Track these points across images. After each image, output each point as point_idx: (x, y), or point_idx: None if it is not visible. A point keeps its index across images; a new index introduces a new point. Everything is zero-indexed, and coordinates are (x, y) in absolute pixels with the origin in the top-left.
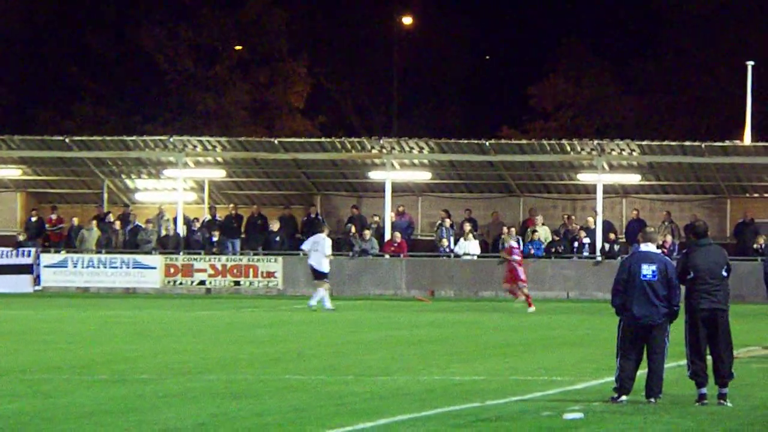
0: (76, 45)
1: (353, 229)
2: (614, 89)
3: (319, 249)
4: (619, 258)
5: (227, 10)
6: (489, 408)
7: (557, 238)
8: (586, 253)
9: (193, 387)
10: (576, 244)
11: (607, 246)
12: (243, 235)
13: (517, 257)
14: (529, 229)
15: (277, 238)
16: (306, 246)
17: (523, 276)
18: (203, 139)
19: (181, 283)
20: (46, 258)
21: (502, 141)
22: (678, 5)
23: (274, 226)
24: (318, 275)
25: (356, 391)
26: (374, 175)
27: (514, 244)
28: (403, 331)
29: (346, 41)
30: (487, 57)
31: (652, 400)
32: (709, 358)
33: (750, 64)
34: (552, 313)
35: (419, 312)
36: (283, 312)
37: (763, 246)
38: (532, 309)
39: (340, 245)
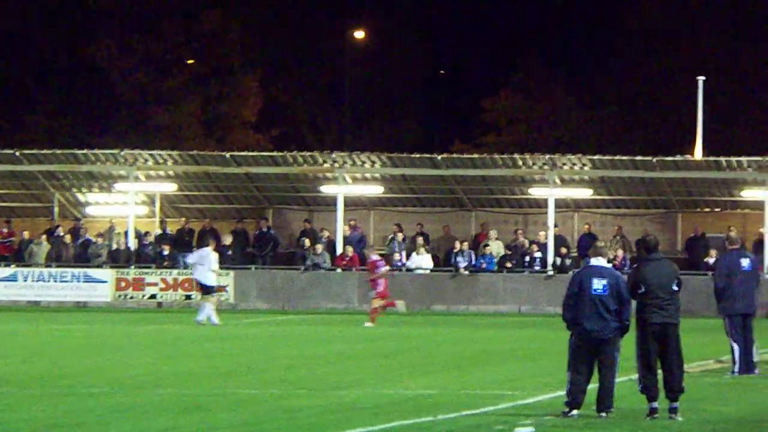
0: (29, 56)
1: (308, 243)
2: (567, 104)
3: (204, 263)
4: (571, 272)
5: (180, 24)
6: (441, 422)
7: (509, 253)
8: (538, 268)
9: (144, 401)
10: (528, 258)
11: (558, 260)
12: (195, 249)
13: (380, 271)
14: (482, 244)
15: (229, 252)
16: (191, 259)
17: (381, 289)
18: (155, 152)
19: (132, 297)
20: None
21: (454, 155)
22: (631, 20)
23: (226, 240)
24: (205, 289)
25: (308, 405)
26: (326, 189)
27: (375, 257)
28: (354, 345)
29: (299, 55)
30: (442, 72)
31: (603, 414)
32: (660, 372)
33: (701, 79)
34: (504, 327)
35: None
36: (235, 326)
37: (714, 260)
38: (371, 324)
39: (294, 259)
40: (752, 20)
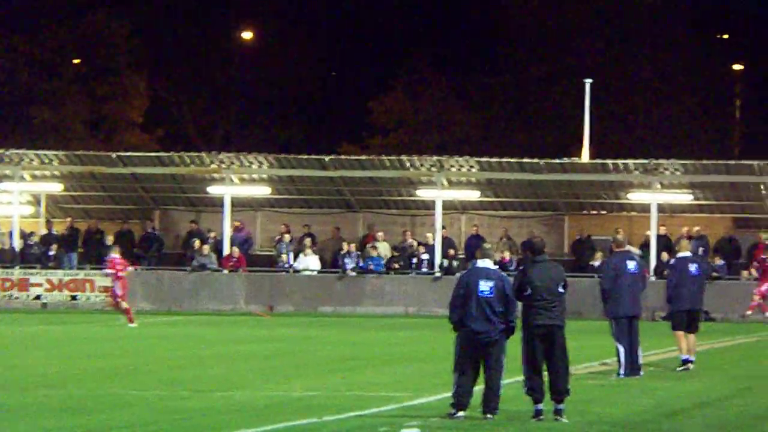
0: None
1: (198, 243)
2: (454, 105)
3: None
4: (458, 274)
5: (66, 23)
6: (327, 424)
7: (397, 254)
8: (425, 269)
9: (28, 402)
10: (415, 259)
11: (446, 262)
12: (80, 250)
13: (110, 270)
14: (368, 245)
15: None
16: None
17: (119, 291)
18: (40, 152)
19: (17, 298)
20: None
21: (342, 156)
22: (517, 22)
23: (109, 240)
24: None
25: (194, 406)
26: (213, 190)
27: (114, 255)
28: (241, 346)
29: (185, 55)
30: (333, 73)
31: (489, 416)
32: (546, 374)
33: (588, 81)
34: (391, 329)
35: (258, 327)
36: (120, 327)
37: (599, 263)
38: (134, 325)
39: (182, 260)
40: (637, 24)
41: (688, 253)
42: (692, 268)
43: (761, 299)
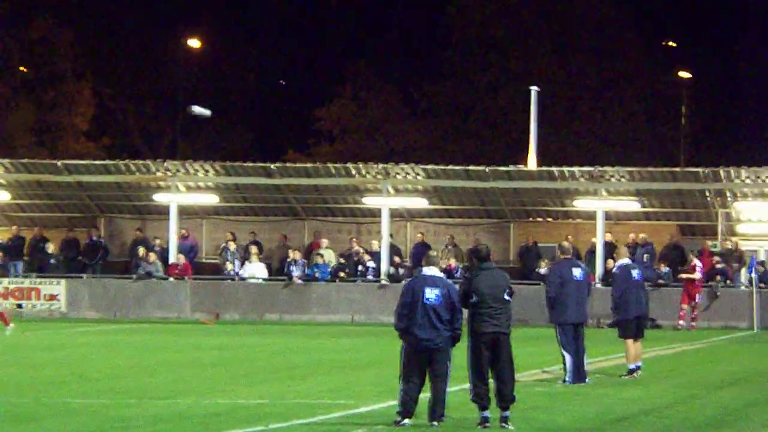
0: None
1: (143, 251)
2: (400, 113)
3: None
4: (404, 281)
5: (11, 30)
6: (273, 431)
7: (343, 262)
8: (371, 277)
9: None
10: (361, 267)
11: (392, 269)
12: (26, 258)
13: None
14: (313, 252)
15: (52, 261)
16: None
17: None
18: None
19: None
20: None
21: (288, 164)
22: (463, 28)
23: (50, 248)
24: None
25: (139, 414)
26: (159, 198)
27: None
28: (187, 354)
29: (132, 63)
30: (282, 82)
31: (435, 423)
32: (492, 381)
33: (534, 89)
34: (337, 336)
35: (204, 335)
36: (66, 335)
37: (545, 270)
38: (11, 327)
39: (128, 268)
40: (584, 31)
41: (628, 260)
42: (635, 273)
43: (695, 310)
